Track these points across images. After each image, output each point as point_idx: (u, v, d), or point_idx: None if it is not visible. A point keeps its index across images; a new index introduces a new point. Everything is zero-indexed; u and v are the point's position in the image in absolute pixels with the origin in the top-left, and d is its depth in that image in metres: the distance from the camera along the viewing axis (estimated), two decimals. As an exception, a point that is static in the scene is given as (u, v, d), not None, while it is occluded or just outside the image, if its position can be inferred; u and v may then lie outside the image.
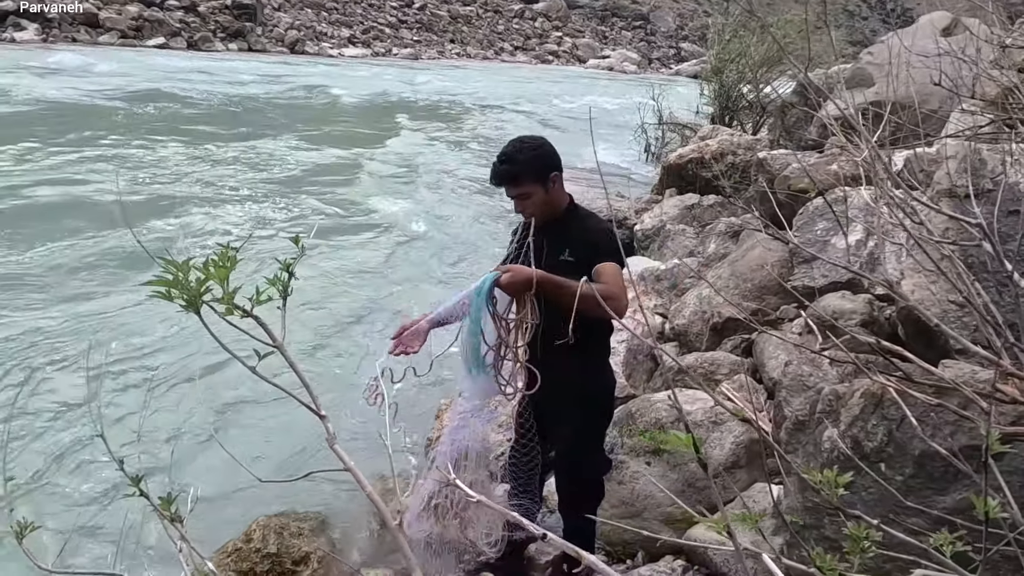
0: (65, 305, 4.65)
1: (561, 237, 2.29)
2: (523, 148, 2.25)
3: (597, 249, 2.22)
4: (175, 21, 25.49)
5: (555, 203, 2.31)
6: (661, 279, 4.73)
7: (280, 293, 1.11)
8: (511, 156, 2.23)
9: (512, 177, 2.24)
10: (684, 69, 35.62)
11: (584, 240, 2.26)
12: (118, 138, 9.97)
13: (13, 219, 6.21)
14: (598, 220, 2.41)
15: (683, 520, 2.77)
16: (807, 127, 6.28)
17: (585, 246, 2.24)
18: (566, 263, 2.22)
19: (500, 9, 41.95)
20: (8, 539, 2.54)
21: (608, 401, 2.55)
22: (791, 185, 4.57)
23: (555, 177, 2.28)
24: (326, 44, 29.67)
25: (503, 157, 2.25)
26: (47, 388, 3.74)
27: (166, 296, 1.05)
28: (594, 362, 2.43)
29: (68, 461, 3.19)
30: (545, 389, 2.46)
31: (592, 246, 2.24)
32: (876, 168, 1.77)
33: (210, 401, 3.68)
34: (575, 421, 2.45)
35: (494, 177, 2.28)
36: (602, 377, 2.48)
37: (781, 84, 9.19)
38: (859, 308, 3.04)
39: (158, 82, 15.66)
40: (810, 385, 2.37)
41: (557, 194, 2.31)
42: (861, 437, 1.63)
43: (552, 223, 2.31)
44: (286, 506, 2.94)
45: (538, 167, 2.24)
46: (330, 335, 4.74)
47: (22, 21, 22.03)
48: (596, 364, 2.45)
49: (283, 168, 9.41)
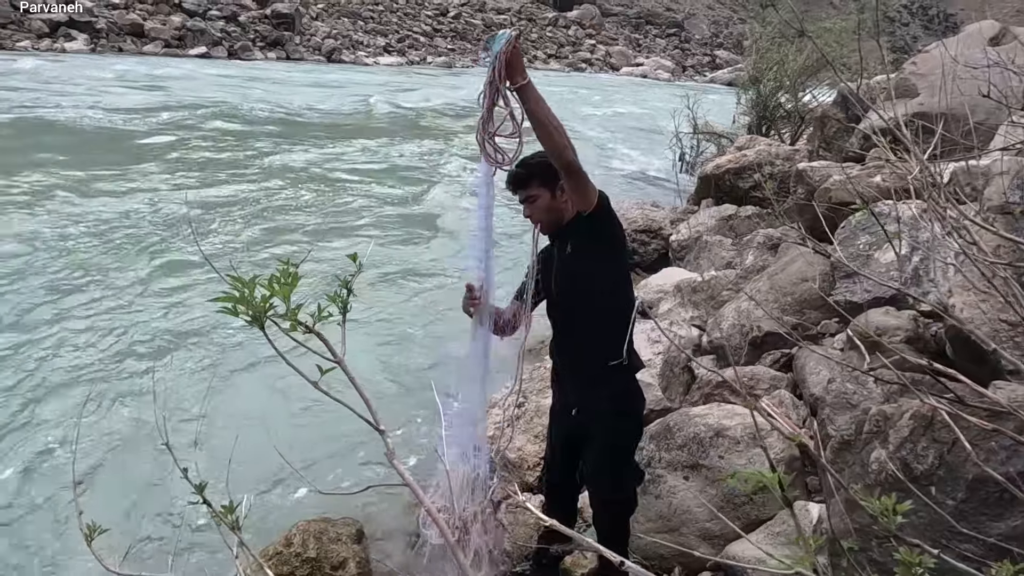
0: (130, 315, 4.80)
1: (564, 239, 2.41)
2: (536, 154, 2.33)
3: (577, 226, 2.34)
4: (216, 31, 26.13)
5: (561, 210, 2.39)
6: (697, 290, 4.69)
7: (340, 310, 1.15)
8: (524, 161, 2.33)
9: (521, 180, 2.36)
10: (719, 77, 35.35)
11: (576, 230, 2.35)
12: (185, 152, 10.17)
13: (77, 226, 6.40)
14: None
15: (721, 536, 2.74)
16: (848, 138, 6.19)
17: (576, 233, 2.34)
18: (569, 257, 2.35)
19: (534, 17, 42.14)
20: (78, 540, 2.65)
21: (639, 413, 2.55)
22: (832, 197, 4.51)
23: (563, 185, 2.33)
24: (362, 53, 30.11)
25: (519, 162, 2.33)
26: (114, 396, 3.86)
27: (232, 312, 1.09)
28: (625, 373, 2.44)
29: (133, 467, 3.29)
30: (576, 401, 2.49)
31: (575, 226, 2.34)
32: (926, 182, 1.75)
33: (265, 410, 3.77)
34: (606, 434, 2.46)
35: (507, 181, 2.39)
36: (632, 389, 2.49)
37: (820, 93, 9.07)
38: (904, 325, 2.98)
39: (222, 91, 16.10)
40: (854, 403, 2.33)
41: (564, 202, 2.37)
42: (910, 459, 1.60)
43: (559, 232, 2.42)
44: (325, 512, 2.99)
45: (548, 173, 2.32)
46: (391, 344, 4.83)
47: (72, 32, 22.81)
48: (627, 375, 2.46)
49: (347, 179, 9.49)
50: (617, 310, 2.34)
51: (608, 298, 2.37)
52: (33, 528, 2.90)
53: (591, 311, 2.38)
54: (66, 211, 6.82)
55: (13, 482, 3.13)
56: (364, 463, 3.30)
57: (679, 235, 6.41)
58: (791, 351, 3.55)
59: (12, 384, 3.88)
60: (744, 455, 2.80)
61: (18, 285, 5.07)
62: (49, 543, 2.81)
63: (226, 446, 3.40)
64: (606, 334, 2.33)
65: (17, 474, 3.18)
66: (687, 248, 6.17)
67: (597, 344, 2.37)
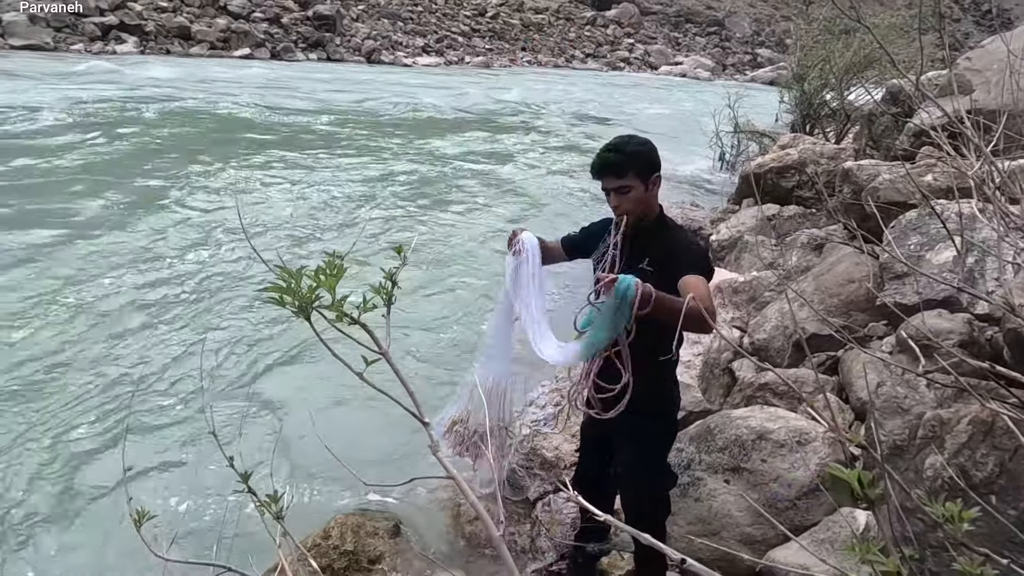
0: (179, 308, 4.91)
1: (644, 245, 2.25)
2: (632, 142, 2.22)
3: (680, 262, 2.15)
4: (260, 32, 26.64)
5: (650, 205, 2.26)
6: (739, 291, 4.61)
7: (384, 302, 1.15)
8: (619, 146, 2.19)
9: (617, 166, 2.18)
10: (760, 75, 34.74)
11: (668, 251, 2.20)
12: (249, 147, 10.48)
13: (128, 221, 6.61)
14: (687, 234, 2.36)
15: (762, 542, 2.68)
16: (896, 136, 6.00)
17: (668, 257, 2.18)
18: (643, 272, 2.15)
19: (572, 17, 41.97)
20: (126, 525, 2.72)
21: (674, 414, 2.49)
22: (880, 197, 4.37)
23: (656, 179, 2.23)
24: (401, 53, 30.40)
25: (610, 147, 2.20)
26: (162, 386, 3.96)
27: (279, 302, 1.10)
28: (663, 374, 2.39)
29: (180, 455, 3.37)
30: (613, 401, 2.45)
31: (675, 259, 2.17)
32: (988, 179, 1.68)
33: (308, 400, 3.83)
34: (641, 435, 2.41)
35: (598, 166, 2.22)
36: (669, 390, 2.44)
37: (866, 91, 8.82)
38: (957, 328, 2.87)
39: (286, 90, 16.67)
40: (905, 408, 2.25)
41: (653, 197, 2.26)
42: (969, 466, 1.54)
43: (639, 229, 2.27)
44: (365, 504, 3.01)
45: (644, 162, 2.19)
46: (435, 333, 4.87)
47: (123, 35, 23.51)
48: (665, 376, 2.41)
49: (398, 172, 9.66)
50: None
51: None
52: (84, 515, 2.99)
53: (643, 323, 2.30)
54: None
55: (65, 467, 3.24)
56: (406, 455, 3.32)
57: (719, 235, 6.31)
58: (836, 354, 3.46)
59: (65, 370, 4.01)
60: (787, 459, 2.73)
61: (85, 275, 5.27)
62: (98, 529, 2.89)
63: (270, 435, 3.48)
64: (649, 340, 2.26)
65: (68, 459, 3.28)
66: (728, 248, 6.06)
67: (637, 348, 2.33)
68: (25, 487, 3.10)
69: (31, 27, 21.35)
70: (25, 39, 20.76)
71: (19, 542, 2.82)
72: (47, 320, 4.53)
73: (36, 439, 3.39)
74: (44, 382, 3.87)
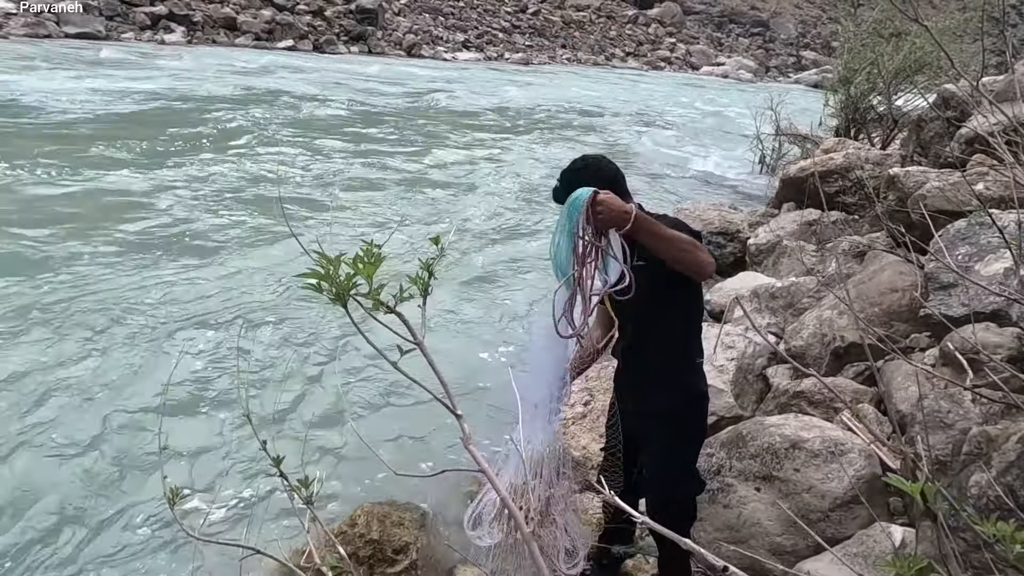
0: (220, 294, 5.01)
1: (631, 241, 2.20)
2: (579, 167, 2.23)
3: None
4: (303, 25, 26.99)
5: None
6: (776, 296, 4.52)
7: (420, 292, 1.15)
8: (566, 175, 2.22)
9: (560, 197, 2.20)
10: (804, 78, 34.06)
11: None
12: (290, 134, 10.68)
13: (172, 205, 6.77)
14: (667, 219, 2.34)
15: (792, 553, 2.62)
16: (946, 142, 5.82)
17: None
18: (635, 268, 2.12)
19: (613, 15, 41.65)
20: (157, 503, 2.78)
21: (702, 415, 2.45)
22: (927, 205, 4.24)
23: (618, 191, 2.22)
24: (441, 48, 30.52)
25: (563, 176, 2.22)
26: (198, 369, 4.04)
27: (316, 288, 1.10)
28: (688, 377, 2.36)
29: (214, 438, 3.43)
30: (636, 398, 2.42)
31: None
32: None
33: (341, 387, 3.87)
34: (666, 437, 2.38)
35: (558, 194, 2.22)
36: (695, 393, 2.39)
37: (916, 96, 8.57)
38: (1006, 342, 2.78)
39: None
40: (948, 423, 2.18)
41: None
42: (1017, 486, 1.48)
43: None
44: (394, 494, 3.03)
45: (602, 180, 2.15)
46: (471, 325, 4.90)
47: (171, 24, 24.05)
48: (690, 379, 2.37)
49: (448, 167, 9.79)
50: (688, 319, 2.34)
51: (680, 309, 2.32)
52: (117, 491, 3.06)
53: (662, 319, 2.30)
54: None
55: (102, 444, 3.32)
56: (437, 446, 3.33)
57: (757, 239, 6.19)
58: (876, 364, 3.36)
59: (104, 348, 4.11)
60: (821, 469, 2.66)
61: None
62: (131, 506, 2.96)
63: (302, 420, 3.52)
64: (673, 339, 2.31)
65: (103, 437, 3.36)
66: (765, 252, 5.95)
67: (662, 348, 2.32)
68: (62, 462, 3.18)
69: (84, 16, 21.96)
70: (80, 27, 21.35)
71: (53, 518, 2.89)
72: (99, 300, 4.65)
73: (74, 415, 3.48)
74: (85, 356, 3.98)
